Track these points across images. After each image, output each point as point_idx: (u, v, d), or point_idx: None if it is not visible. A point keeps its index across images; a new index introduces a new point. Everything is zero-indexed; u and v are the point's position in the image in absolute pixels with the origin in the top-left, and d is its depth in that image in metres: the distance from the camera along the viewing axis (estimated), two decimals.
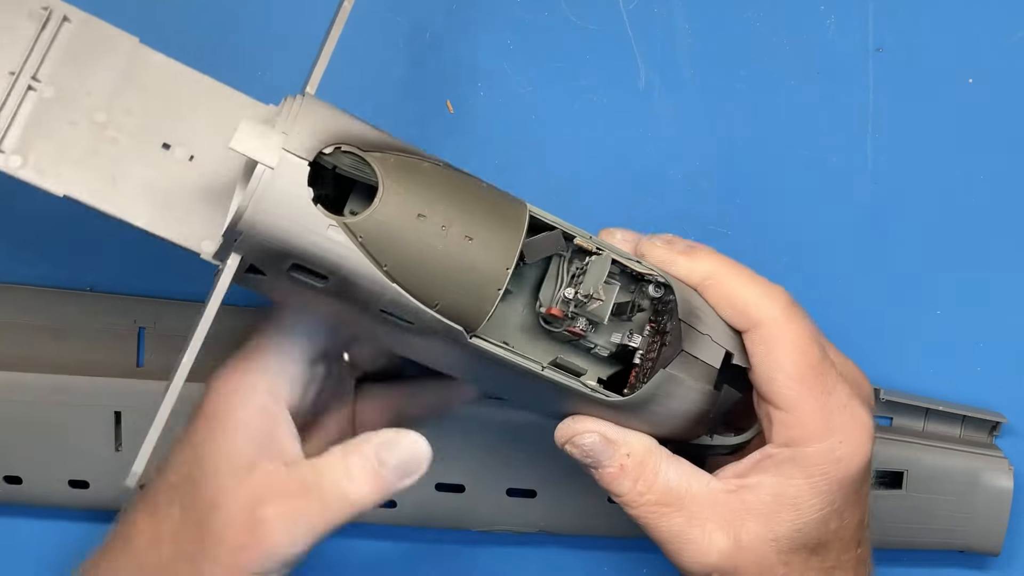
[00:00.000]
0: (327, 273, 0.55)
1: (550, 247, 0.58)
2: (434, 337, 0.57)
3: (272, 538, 0.59)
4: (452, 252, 0.56)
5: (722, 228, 0.75)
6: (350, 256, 0.55)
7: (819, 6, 0.74)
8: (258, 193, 0.54)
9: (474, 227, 0.56)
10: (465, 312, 0.56)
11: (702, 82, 0.74)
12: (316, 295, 0.57)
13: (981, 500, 0.75)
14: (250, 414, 0.61)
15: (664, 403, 0.60)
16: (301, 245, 0.54)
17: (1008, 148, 0.75)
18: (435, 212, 0.56)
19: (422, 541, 0.78)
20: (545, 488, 0.74)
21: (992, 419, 0.76)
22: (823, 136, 0.75)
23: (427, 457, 0.60)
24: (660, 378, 0.59)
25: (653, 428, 0.61)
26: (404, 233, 0.55)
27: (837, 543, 0.61)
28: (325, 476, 0.60)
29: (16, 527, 0.77)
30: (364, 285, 0.55)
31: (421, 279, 0.56)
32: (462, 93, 0.74)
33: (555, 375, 0.59)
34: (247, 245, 0.55)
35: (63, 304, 0.74)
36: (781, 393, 0.59)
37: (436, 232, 0.55)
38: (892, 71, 0.74)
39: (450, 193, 0.56)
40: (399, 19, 0.74)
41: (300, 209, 0.54)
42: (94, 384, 0.72)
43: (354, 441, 0.61)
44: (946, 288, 0.76)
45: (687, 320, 0.60)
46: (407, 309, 0.56)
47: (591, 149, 0.75)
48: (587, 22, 0.74)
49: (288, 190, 0.54)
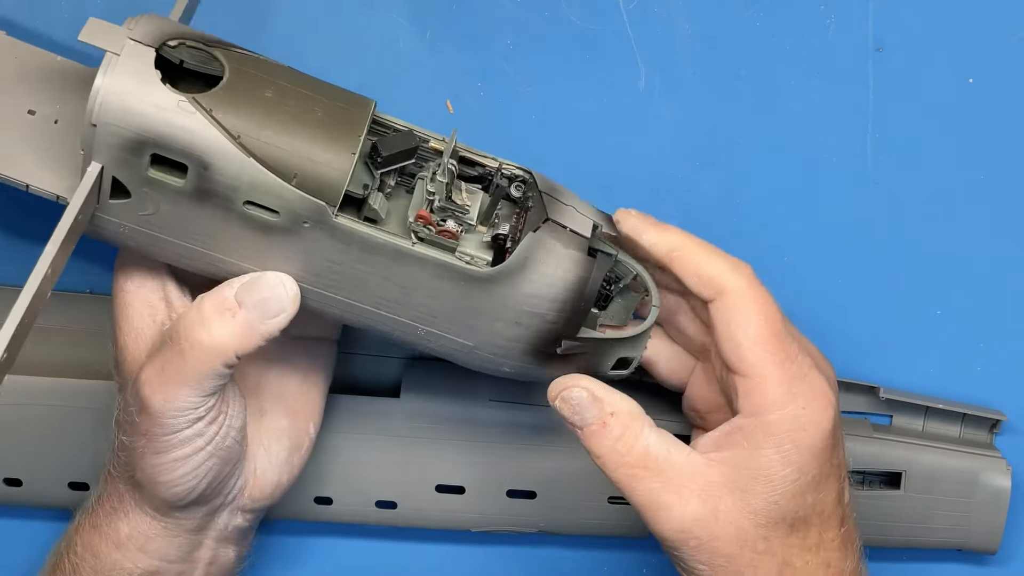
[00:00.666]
0: (184, 159, 0.56)
1: (402, 143, 0.60)
2: (305, 236, 0.58)
3: (151, 399, 0.60)
4: (302, 122, 0.58)
5: (721, 228, 0.75)
6: (203, 131, 0.56)
7: (819, 6, 0.74)
8: (108, 79, 0.56)
9: (321, 103, 0.58)
10: (323, 184, 0.57)
11: (702, 82, 0.74)
12: (178, 208, 0.58)
13: (979, 500, 0.75)
14: (137, 300, 0.63)
15: (539, 269, 0.59)
16: (154, 126, 0.56)
17: (1008, 148, 0.75)
18: (282, 91, 0.58)
19: (422, 541, 0.78)
20: (545, 488, 0.74)
21: (992, 417, 0.76)
22: (823, 136, 0.75)
23: (291, 296, 0.60)
24: (529, 241, 0.59)
25: (540, 304, 0.60)
26: (253, 106, 0.57)
27: (817, 519, 0.62)
28: (180, 325, 0.60)
29: (16, 528, 0.77)
30: (221, 165, 0.57)
31: (274, 151, 0.57)
32: (462, 93, 0.74)
33: (427, 250, 0.59)
34: (104, 142, 0.56)
35: (63, 306, 0.74)
36: (745, 359, 0.61)
37: (284, 106, 0.58)
38: (892, 71, 0.74)
39: (295, 79, 0.59)
40: (399, 19, 0.73)
41: (150, 89, 0.56)
42: (94, 387, 0.72)
43: (217, 287, 0.61)
44: (946, 288, 0.76)
45: (549, 193, 0.61)
46: (268, 190, 0.57)
47: (591, 149, 0.75)
48: (587, 22, 0.74)
49: (136, 71, 0.56)
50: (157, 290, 0.63)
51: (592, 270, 0.60)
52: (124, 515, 0.65)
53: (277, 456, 0.67)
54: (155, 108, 0.56)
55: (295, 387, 0.69)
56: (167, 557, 0.66)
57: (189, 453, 0.62)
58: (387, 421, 0.73)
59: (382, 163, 0.59)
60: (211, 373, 0.60)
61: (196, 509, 0.65)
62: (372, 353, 0.75)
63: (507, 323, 0.61)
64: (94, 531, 0.66)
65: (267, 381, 0.68)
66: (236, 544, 0.69)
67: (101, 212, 0.59)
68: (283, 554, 0.78)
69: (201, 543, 0.67)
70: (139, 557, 0.65)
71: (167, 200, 0.58)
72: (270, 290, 0.60)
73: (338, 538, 0.78)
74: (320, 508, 0.74)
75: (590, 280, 0.60)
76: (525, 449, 0.73)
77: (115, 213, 0.59)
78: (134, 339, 0.63)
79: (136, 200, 0.58)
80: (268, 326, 0.60)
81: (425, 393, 0.73)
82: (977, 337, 0.76)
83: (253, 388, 0.68)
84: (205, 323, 0.60)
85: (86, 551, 0.66)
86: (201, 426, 0.62)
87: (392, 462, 0.73)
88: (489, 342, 0.62)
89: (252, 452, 0.66)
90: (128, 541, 0.65)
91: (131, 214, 0.59)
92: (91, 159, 0.57)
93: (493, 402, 0.73)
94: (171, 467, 0.62)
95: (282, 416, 0.68)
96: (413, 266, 0.59)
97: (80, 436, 0.72)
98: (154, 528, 0.65)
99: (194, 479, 0.63)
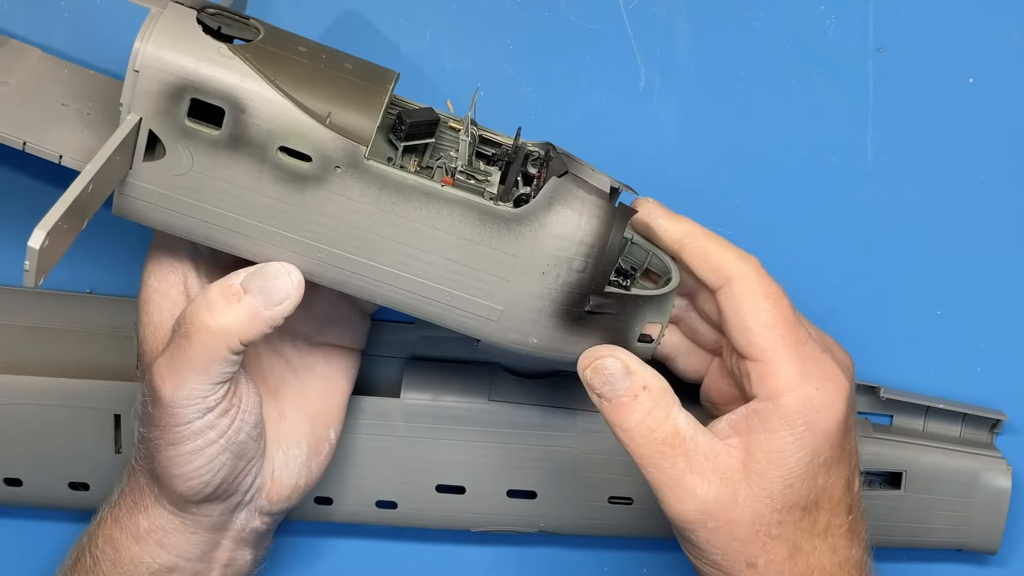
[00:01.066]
0: (222, 102, 0.58)
1: (425, 115, 0.62)
2: (334, 187, 0.59)
3: (161, 387, 0.61)
4: (334, 72, 0.60)
5: (722, 228, 0.75)
6: (242, 74, 0.58)
7: (819, 6, 0.74)
8: (152, 28, 0.58)
9: (351, 60, 0.61)
10: (354, 128, 0.59)
11: (702, 82, 0.74)
12: (212, 161, 0.59)
13: (979, 500, 0.75)
14: (158, 295, 0.64)
15: (564, 212, 0.60)
16: (196, 67, 0.58)
17: (1008, 148, 0.75)
18: (314, 48, 0.61)
19: (422, 541, 0.78)
20: (545, 488, 0.74)
21: (992, 416, 0.76)
22: (823, 136, 0.75)
23: (295, 283, 0.61)
24: (553, 184, 0.60)
25: (568, 247, 0.61)
26: (287, 55, 0.60)
27: (827, 503, 0.62)
28: (187, 311, 0.61)
29: (16, 528, 0.77)
30: (257, 107, 0.58)
31: (308, 95, 0.59)
32: (462, 93, 0.74)
33: (458, 192, 0.60)
34: (144, 89, 0.58)
35: (63, 307, 0.74)
36: (755, 343, 0.61)
37: (316, 59, 0.60)
38: (892, 71, 0.74)
39: (324, 47, 0.62)
40: (399, 19, 0.74)
41: (192, 37, 0.59)
42: (94, 387, 0.72)
43: (224, 276, 0.62)
44: (946, 288, 0.76)
45: (570, 156, 0.63)
46: (302, 132, 0.59)
47: (591, 149, 0.75)
48: (587, 22, 0.74)
49: (178, 23, 0.59)
50: (178, 285, 0.64)
51: (615, 217, 0.61)
52: (144, 509, 0.65)
53: (295, 459, 0.68)
54: (196, 53, 0.58)
55: (316, 393, 0.69)
56: (184, 554, 0.66)
57: (202, 445, 0.62)
58: (387, 421, 0.73)
59: (405, 134, 0.61)
60: (218, 358, 0.61)
61: (213, 506, 0.65)
62: (372, 353, 0.75)
63: (535, 275, 0.61)
64: (115, 524, 0.66)
65: (288, 386, 0.69)
66: (253, 547, 0.69)
67: (133, 178, 0.60)
68: (283, 554, 0.78)
69: (219, 543, 0.67)
70: (157, 552, 0.66)
71: (202, 153, 0.59)
72: (275, 278, 0.61)
73: (338, 538, 0.78)
74: (320, 508, 0.74)
75: (613, 227, 0.61)
76: (525, 449, 0.73)
77: (147, 177, 0.60)
78: (153, 332, 0.64)
79: (171, 157, 0.59)
80: (272, 312, 0.61)
81: (425, 393, 0.73)
82: (977, 337, 0.76)
83: (274, 391, 0.68)
84: (211, 308, 0.60)
85: (107, 544, 0.66)
86: (212, 417, 0.62)
87: (392, 462, 0.73)
88: (518, 302, 0.62)
89: (271, 454, 0.67)
90: (147, 535, 0.65)
91: (163, 176, 0.60)
92: (130, 110, 0.59)
93: (493, 402, 0.73)
94: (185, 459, 0.62)
95: (302, 421, 0.68)
96: (443, 211, 0.60)
97: (80, 436, 0.72)
98: (172, 523, 0.65)
99: (208, 473, 0.63)
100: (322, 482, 0.71)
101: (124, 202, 0.61)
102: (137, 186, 0.60)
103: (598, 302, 0.62)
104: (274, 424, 0.67)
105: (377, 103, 0.60)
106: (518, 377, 0.74)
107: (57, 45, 0.73)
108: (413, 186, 0.60)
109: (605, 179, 0.63)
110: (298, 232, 0.61)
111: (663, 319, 0.64)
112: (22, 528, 0.77)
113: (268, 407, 0.67)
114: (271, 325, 0.61)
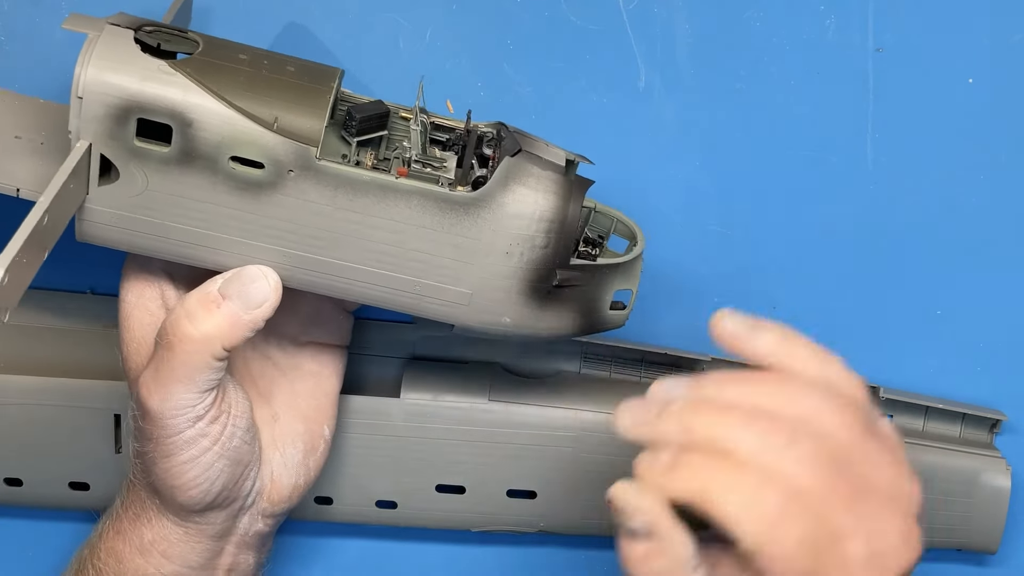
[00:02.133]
0: (168, 119, 0.58)
1: (375, 108, 0.62)
2: (290, 190, 0.59)
3: (148, 400, 0.61)
4: (277, 77, 0.60)
5: (722, 228, 0.75)
6: (185, 89, 0.58)
7: (819, 6, 0.74)
8: (92, 53, 0.58)
9: (293, 63, 0.61)
10: (302, 130, 0.59)
11: (702, 82, 0.74)
12: (166, 179, 0.59)
13: (979, 500, 0.75)
14: (137, 310, 0.64)
15: (520, 191, 0.60)
16: (138, 88, 0.58)
17: (1008, 148, 0.75)
18: (255, 55, 0.61)
19: (422, 541, 0.78)
20: (545, 488, 0.74)
21: (992, 416, 0.76)
22: (823, 136, 0.75)
23: (272, 285, 0.61)
24: (506, 164, 0.61)
25: (527, 225, 0.61)
26: (229, 67, 0.60)
27: None
28: (168, 322, 0.61)
29: (16, 528, 0.77)
30: (204, 120, 0.58)
31: (253, 103, 0.59)
32: (462, 93, 0.74)
33: (412, 182, 0.60)
34: (90, 115, 0.58)
35: (63, 306, 0.74)
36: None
37: (258, 65, 0.60)
38: (892, 71, 0.74)
39: (265, 52, 0.62)
40: (399, 19, 0.73)
41: (131, 57, 0.58)
42: (94, 387, 0.72)
43: (201, 284, 0.62)
44: (946, 288, 0.76)
45: (522, 134, 0.62)
46: (251, 139, 0.58)
47: (591, 149, 0.74)
48: (587, 22, 0.74)
49: (116, 44, 0.59)
50: (156, 298, 0.64)
51: (572, 190, 0.61)
52: (147, 521, 0.66)
53: (293, 459, 0.68)
54: (137, 73, 0.58)
55: (307, 392, 0.69)
56: (189, 563, 0.66)
57: (196, 455, 0.62)
58: (387, 421, 0.73)
59: (356, 129, 0.61)
60: (202, 366, 0.60)
61: (215, 513, 0.65)
62: (372, 353, 0.75)
63: (499, 255, 0.61)
64: (118, 537, 0.66)
65: (278, 387, 0.69)
66: (256, 550, 0.69)
67: (91, 203, 0.60)
68: (283, 554, 0.78)
69: (223, 549, 0.67)
70: (162, 563, 0.66)
71: (155, 171, 0.59)
72: (252, 281, 0.61)
73: (338, 538, 0.78)
74: (320, 508, 0.74)
75: (571, 199, 0.61)
76: (525, 449, 0.73)
77: (105, 201, 0.60)
78: (136, 348, 0.64)
79: (125, 179, 0.59)
80: (252, 315, 0.61)
81: (425, 393, 0.73)
82: (977, 337, 0.76)
83: (265, 395, 0.68)
84: (191, 317, 0.60)
85: (109, 556, 0.66)
86: (203, 426, 0.62)
87: (392, 462, 0.73)
88: (485, 284, 0.62)
89: (268, 457, 0.67)
90: (151, 546, 0.66)
91: (120, 198, 0.60)
92: (79, 137, 0.59)
93: (493, 402, 0.73)
94: (181, 470, 0.62)
95: (296, 421, 0.68)
96: (400, 203, 0.60)
97: (80, 436, 0.72)
98: (176, 533, 0.65)
99: (206, 482, 0.63)
100: (322, 482, 0.71)
101: (85, 227, 0.61)
102: (96, 210, 0.60)
103: (565, 275, 0.62)
104: (268, 426, 0.67)
105: (323, 103, 0.60)
106: (518, 377, 0.74)
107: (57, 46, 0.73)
108: (368, 181, 0.60)
109: (560, 152, 0.63)
110: (260, 239, 0.61)
111: (633, 285, 0.64)
112: (22, 528, 0.77)
113: (261, 410, 0.67)
114: (252, 328, 0.61)
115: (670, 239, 0.75)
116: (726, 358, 0.75)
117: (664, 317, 0.76)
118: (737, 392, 0.56)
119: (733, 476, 0.53)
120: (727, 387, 0.56)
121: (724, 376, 0.56)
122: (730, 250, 0.75)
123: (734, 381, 0.56)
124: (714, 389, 0.56)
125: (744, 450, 0.53)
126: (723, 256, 0.75)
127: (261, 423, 0.67)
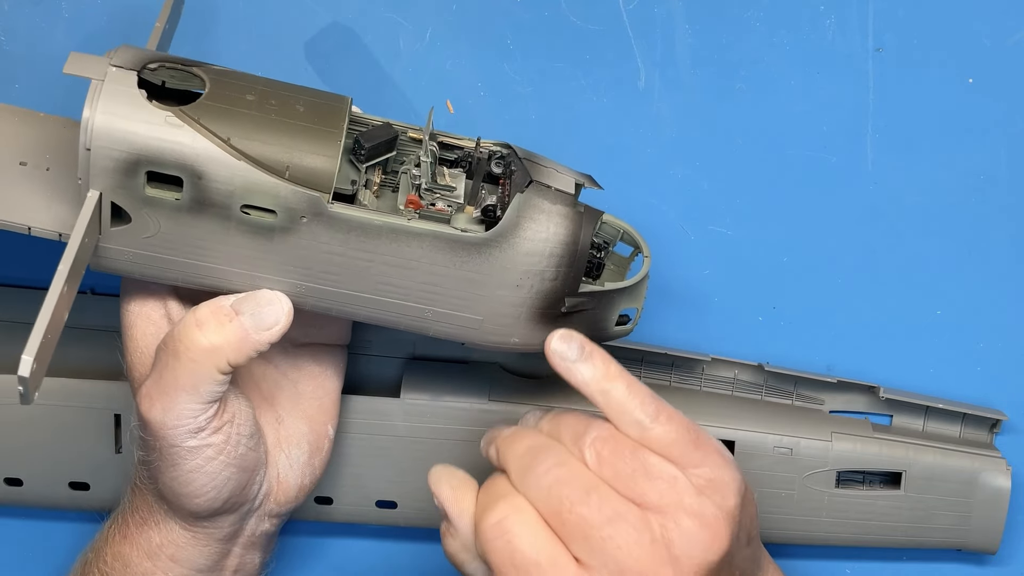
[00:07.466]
0: (178, 171, 0.58)
1: (383, 133, 0.61)
2: (303, 233, 0.59)
3: (150, 411, 0.61)
4: (286, 119, 0.59)
5: (722, 228, 0.75)
6: (193, 140, 0.57)
7: (819, 6, 0.74)
8: (97, 104, 0.57)
9: (301, 100, 0.60)
10: (314, 175, 0.59)
11: (702, 82, 0.74)
12: (178, 224, 0.59)
13: (979, 500, 0.75)
14: (141, 320, 0.64)
15: (531, 227, 0.60)
16: (146, 142, 0.57)
17: (1008, 148, 0.75)
18: (262, 95, 0.60)
19: (422, 541, 0.78)
20: None
21: (992, 416, 0.76)
22: (823, 136, 0.75)
23: (285, 311, 0.61)
24: (518, 202, 0.60)
25: (538, 261, 0.61)
26: (237, 111, 0.59)
27: None
28: (175, 331, 0.61)
29: (16, 528, 0.77)
30: (214, 171, 0.58)
31: (263, 149, 0.58)
32: (462, 93, 0.74)
33: (423, 224, 0.60)
34: (100, 167, 0.57)
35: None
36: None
37: (266, 106, 0.59)
38: (892, 71, 0.74)
39: (273, 84, 0.61)
40: (399, 19, 0.74)
41: (137, 108, 0.57)
42: (94, 387, 0.72)
43: (214, 298, 0.62)
44: (946, 288, 0.76)
45: (530, 159, 0.62)
46: (262, 189, 0.58)
47: (591, 149, 0.75)
48: (587, 22, 0.74)
49: (121, 93, 0.58)
50: (159, 308, 0.64)
51: (582, 223, 0.61)
52: (155, 525, 0.66)
53: (298, 460, 0.68)
54: (144, 125, 0.57)
55: (310, 393, 0.69)
56: (197, 566, 0.66)
57: (202, 463, 0.62)
58: (387, 421, 0.73)
59: (366, 156, 0.61)
60: (207, 377, 0.60)
61: (224, 518, 0.65)
62: (372, 353, 0.75)
63: (509, 288, 0.61)
64: (125, 541, 0.66)
65: (281, 390, 0.69)
66: (261, 550, 0.69)
67: (104, 242, 0.60)
68: (283, 554, 0.78)
69: (230, 551, 0.67)
70: (170, 566, 0.66)
71: (167, 218, 0.59)
72: (267, 304, 0.61)
73: (338, 538, 0.78)
74: (320, 508, 0.74)
75: (582, 233, 0.61)
76: None
77: (118, 240, 0.60)
78: (140, 357, 0.64)
79: (137, 223, 0.59)
80: (261, 336, 0.61)
81: (425, 393, 0.73)
82: (977, 337, 0.76)
83: (268, 398, 0.68)
84: (201, 326, 0.60)
85: (116, 560, 0.66)
86: (206, 435, 0.62)
87: (392, 462, 0.73)
88: (495, 312, 0.62)
89: (273, 458, 0.67)
90: (160, 550, 0.66)
91: (133, 239, 0.60)
92: (89, 187, 0.58)
93: (493, 402, 0.73)
94: (188, 479, 0.62)
95: (299, 422, 0.68)
96: (412, 244, 0.60)
97: (80, 436, 0.72)
98: (184, 537, 0.65)
99: (214, 490, 0.63)
100: (322, 482, 0.71)
101: (99, 262, 0.61)
102: (110, 248, 0.60)
103: (573, 302, 0.62)
104: (273, 429, 0.67)
105: (334, 148, 0.59)
106: (518, 377, 0.74)
107: (57, 46, 0.73)
108: (380, 225, 0.59)
109: (569, 177, 0.62)
110: (273, 272, 0.61)
111: (639, 303, 0.64)
112: (22, 528, 0.77)
113: (265, 414, 0.67)
114: (258, 350, 0.61)
115: (670, 239, 0.75)
116: (726, 358, 0.75)
117: (664, 317, 0.76)
118: (548, 431, 0.62)
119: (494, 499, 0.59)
120: (544, 426, 0.62)
121: (554, 417, 0.62)
122: (730, 250, 0.75)
123: (551, 423, 0.62)
124: (536, 425, 0.63)
125: (512, 480, 0.60)
126: (723, 256, 0.75)
127: (265, 426, 0.67)
